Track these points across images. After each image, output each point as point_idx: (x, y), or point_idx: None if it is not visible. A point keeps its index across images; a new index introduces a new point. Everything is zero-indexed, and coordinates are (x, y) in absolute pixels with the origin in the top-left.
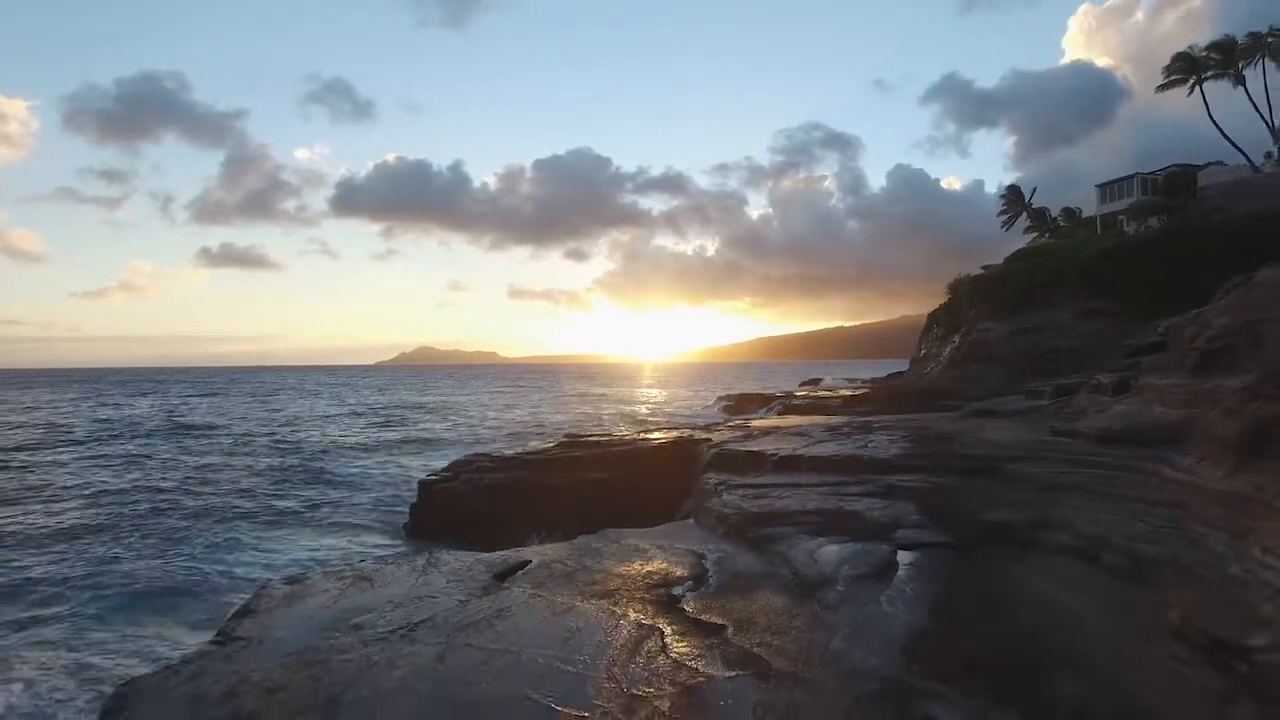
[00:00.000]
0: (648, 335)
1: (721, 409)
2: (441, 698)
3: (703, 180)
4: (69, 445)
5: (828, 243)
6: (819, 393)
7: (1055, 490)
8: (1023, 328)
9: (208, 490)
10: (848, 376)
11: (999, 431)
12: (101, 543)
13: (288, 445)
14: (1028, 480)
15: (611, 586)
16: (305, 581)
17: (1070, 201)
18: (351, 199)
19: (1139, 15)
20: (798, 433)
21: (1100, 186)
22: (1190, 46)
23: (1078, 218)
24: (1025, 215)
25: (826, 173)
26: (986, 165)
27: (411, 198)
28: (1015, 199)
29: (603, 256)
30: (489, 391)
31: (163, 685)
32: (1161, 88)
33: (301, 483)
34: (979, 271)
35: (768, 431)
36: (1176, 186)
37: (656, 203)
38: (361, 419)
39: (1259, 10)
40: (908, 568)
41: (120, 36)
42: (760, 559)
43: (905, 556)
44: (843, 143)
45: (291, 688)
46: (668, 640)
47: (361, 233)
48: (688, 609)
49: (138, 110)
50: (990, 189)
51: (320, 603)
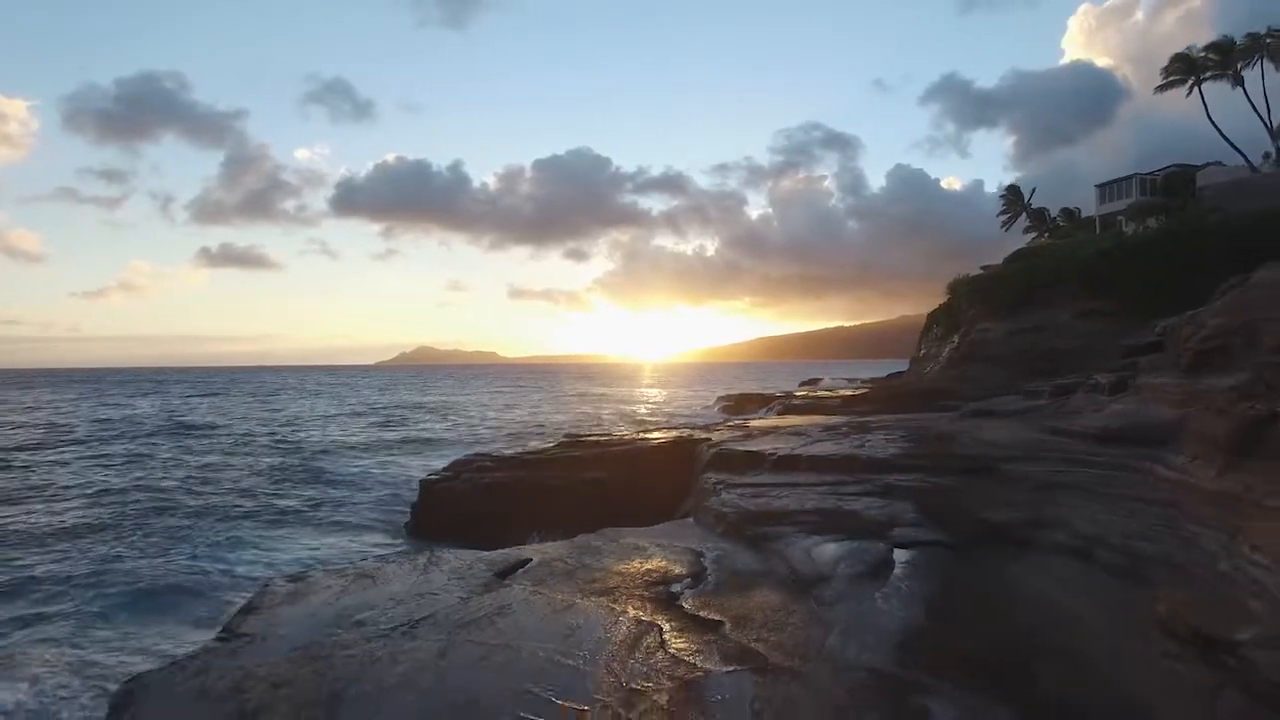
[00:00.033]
0: (648, 335)
1: (721, 409)
2: (444, 692)
3: (702, 180)
4: (70, 445)
5: (827, 243)
6: (818, 393)
7: (1052, 489)
8: (1021, 328)
9: (209, 490)
10: (847, 376)
11: (997, 431)
12: (104, 542)
13: (288, 445)
14: (1025, 479)
15: (611, 584)
16: (308, 579)
17: (1070, 201)
18: (351, 199)
19: (1139, 15)
20: (796, 432)
21: (1099, 187)
22: (1189, 47)
23: (1077, 218)
24: (1025, 215)
25: (826, 173)
26: (986, 165)
27: (411, 198)
28: (1015, 199)
29: (602, 256)
30: (489, 391)
31: (170, 680)
32: (1160, 88)
33: (302, 482)
34: (978, 272)
35: (767, 431)
36: (1175, 187)
37: (656, 203)
38: (362, 419)
39: (1259, 10)
40: (904, 566)
41: (120, 36)
42: (758, 557)
43: (902, 555)
44: (842, 143)
45: (296, 682)
46: (666, 636)
47: (361, 233)
48: (686, 606)
49: (137, 110)
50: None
51: (323, 600)
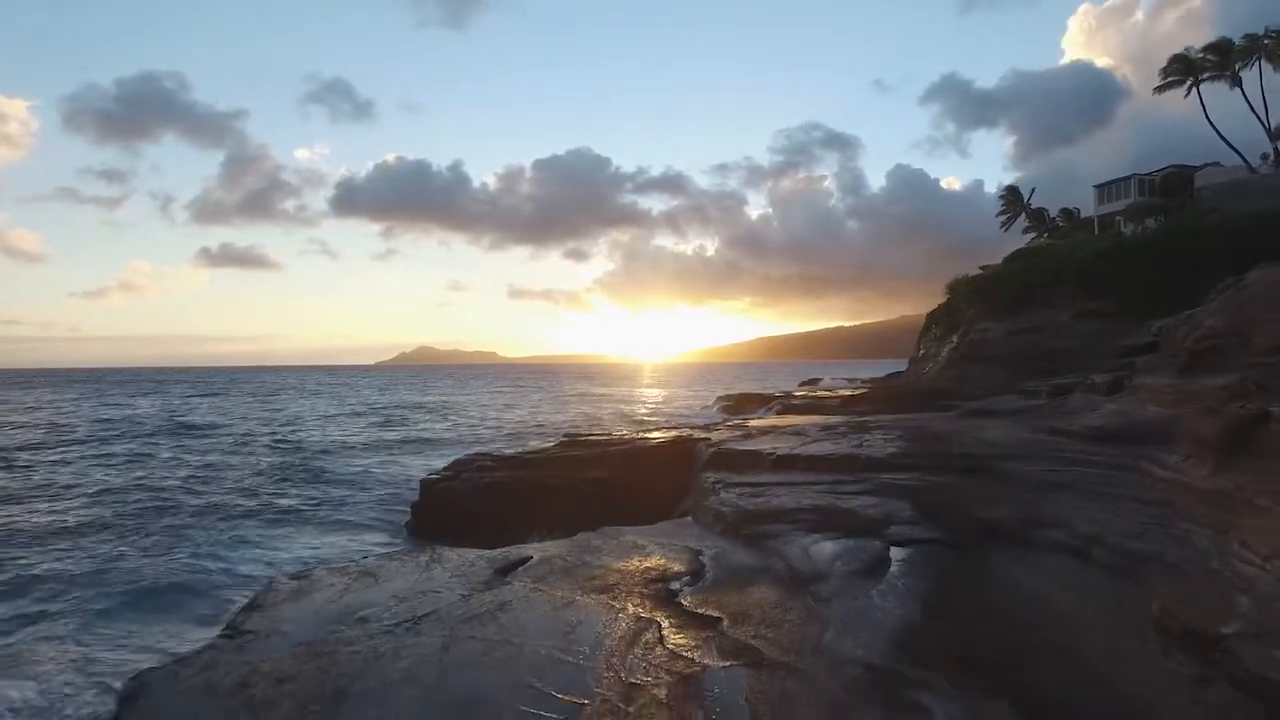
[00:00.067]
0: (648, 335)
1: (721, 409)
2: (446, 687)
3: (702, 180)
4: (72, 444)
5: (827, 243)
6: (818, 393)
7: (1047, 488)
8: (1020, 328)
9: (210, 489)
10: (847, 376)
11: (994, 431)
12: (106, 540)
13: (289, 445)
14: (1021, 479)
15: (611, 582)
16: (310, 577)
17: (1070, 201)
18: (351, 199)
19: (1139, 15)
20: (795, 432)
21: (1098, 187)
22: (1187, 48)
23: (1076, 218)
24: (1024, 216)
25: (826, 173)
26: (986, 165)
27: (411, 198)
28: (1014, 199)
29: (603, 256)
30: (489, 391)
31: (177, 675)
32: (1158, 89)
33: (303, 482)
34: (977, 272)
35: (766, 431)
36: (1174, 187)
37: (656, 203)
38: (362, 419)
39: (1259, 10)
40: (900, 563)
41: (120, 36)
42: (756, 555)
43: (898, 553)
44: (842, 143)
45: (301, 678)
46: (665, 632)
47: (361, 233)
48: (685, 603)
49: (138, 110)
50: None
51: (326, 597)
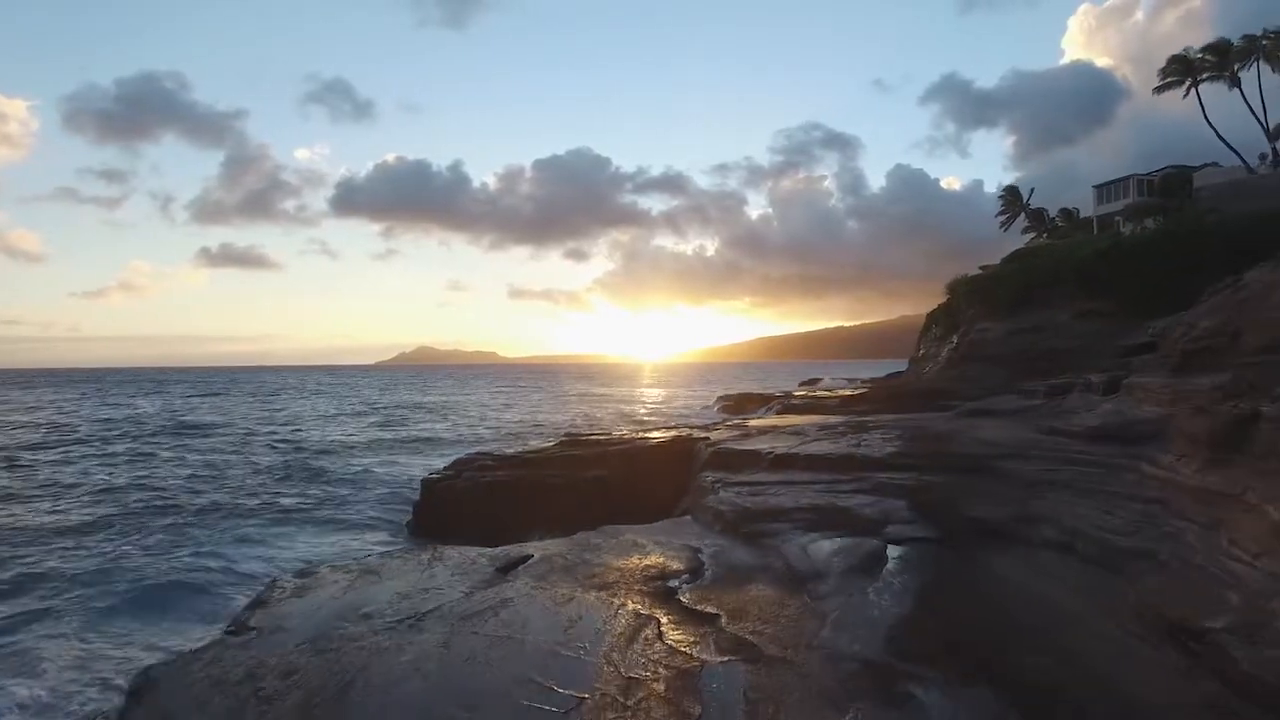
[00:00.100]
0: (648, 335)
1: (720, 409)
2: (449, 680)
3: (702, 180)
4: (74, 444)
5: (828, 243)
6: (817, 393)
7: (1042, 486)
8: (1020, 328)
9: (211, 489)
10: (847, 376)
11: (991, 430)
12: (109, 539)
13: (289, 445)
14: (1016, 477)
15: (610, 579)
16: (314, 575)
17: (1070, 201)
18: (351, 199)
19: (1139, 15)
20: (794, 432)
21: (1097, 187)
22: (1185, 49)
23: (1075, 218)
24: (1023, 216)
25: (826, 173)
26: (986, 165)
27: (411, 198)
28: (1013, 200)
29: (602, 256)
30: (489, 391)
31: (185, 669)
32: (1157, 90)
33: (304, 482)
34: (977, 272)
35: (765, 431)
36: (1172, 188)
37: (656, 203)
38: (362, 419)
39: (1259, 10)
40: (896, 561)
41: (120, 36)
42: (755, 553)
43: (894, 550)
44: (842, 143)
45: (307, 671)
46: (664, 628)
47: (361, 233)
48: (684, 600)
49: (137, 110)
50: (990, 189)
51: (330, 594)
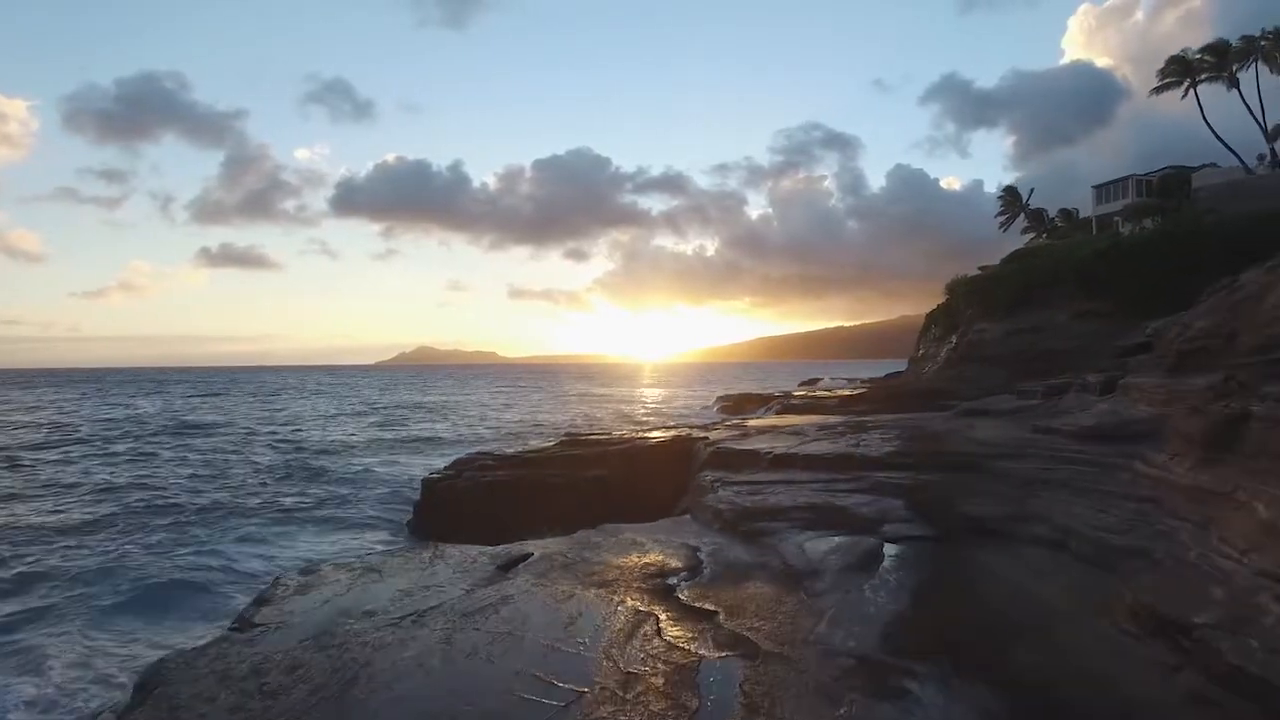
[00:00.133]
0: (648, 335)
1: (720, 409)
2: (451, 675)
3: (702, 180)
4: (75, 444)
5: (827, 243)
6: (817, 393)
7: (1038, 485)
8: (1019, 328)
9: (213, 488)
10: (847, 376)
11: (988, 430)
12: (111, 538)
13: (290, 444)
14: (1012, 477)
15: (610, 577)
16: (317, 573)
17: (1070, 201)
18: (351, 199)
19: (1139, 15)
20: (793, 431)
21: (1096, 188)
22: (1184, 50)
23: (1074, 219)
24: (1023, 216)
25: (826, 173)
26: (986, 165)
27: (411, 198)
28: (1013, 200)
29: (602, 256)
30: (489, 391)
31: (191, 664)
32: (1156, 91)
33: (305, 481)
34: (977, 272)
35: (764, 430)
36: (1171, 188)
37: (656, 203)
38: (362, 419)
39: (1259, 11)
40: (892, 559)
41: (120, 36)
42: (753, 551)
43: (891, 549)
44: (842, 143)
45: (312, 666)
46: (663, 625)
47: (361, 233)
48: (682, 597)
49: (137, 110)
50: (990, 189)
51: (332, 592)
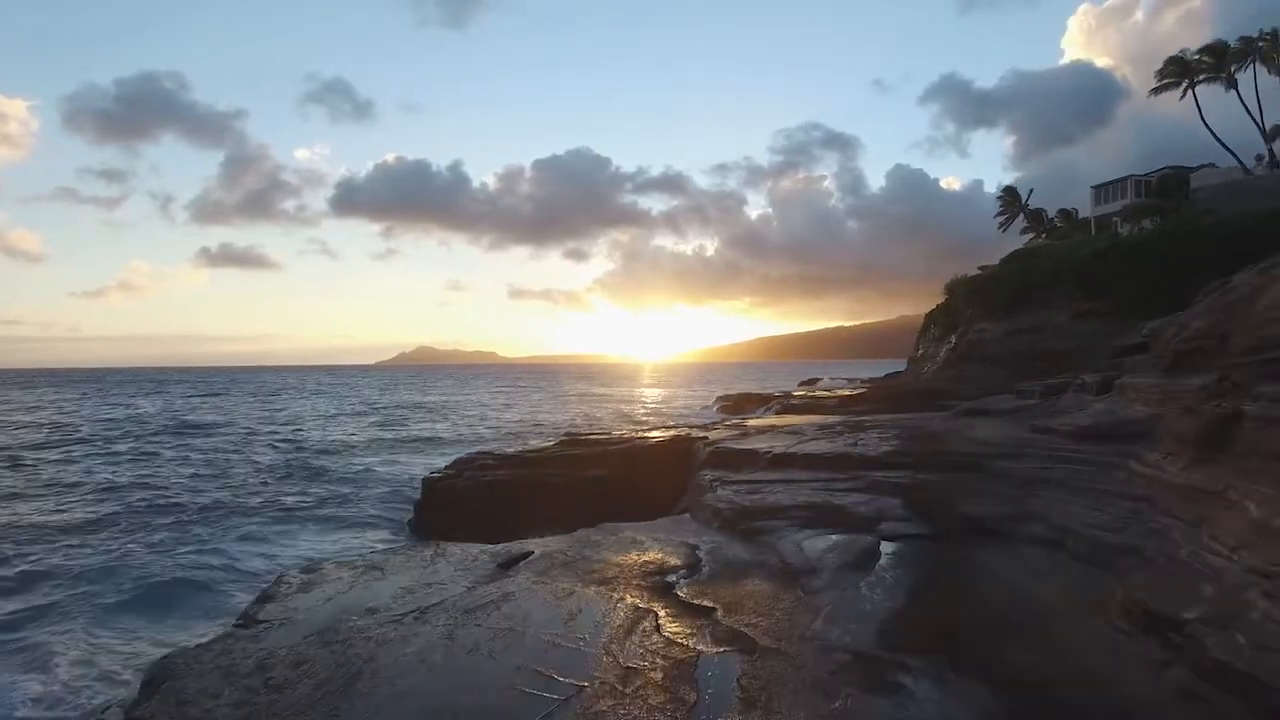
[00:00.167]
0: (647, 335)
1: (720, 409)
2: (453, 669)
3: (702, 180)
4: (76, 444)
5: (827, 243)
6: (816, 393)
7: (1035, 485)
8: (1018, 328)
9: (214, 487)
10: (846, 376)
11: (986, 430)
12: (113, 537)
13: (291, 444)
14: (1009, 476)
15: (610, 574)
16: (320, 571)
17: (1070, 202)
18: (351, 199)
19: (1139, 15)
20: (792, 431)
21: (1095, 188)
22: (1182, 50)
23: (1074, 219)
24: (1022, 216)
25: (826, 173)
26: (986, 165)
27: (411, 198)
28: (1012, 200)
29: (602, 256)
30: (489, 391)
31: (197, 659)
32: (1154, 91)
33: (305, 481)
34: (977, 272)
35: (763, 430)
36: (1169, 188)
37: (656, 203)
38: (363, 419)
39: (1259, 11)
40: (889, 557)
41: (120, 36)
42: (751, 549)
43: (888, 547)
44: (842, 143)
45: (315, 662)
46: (661, 621)
47: (361, 233)
48: (681, 594)
49: (137, 110)
50: (990, 189)
51: (335, 589)
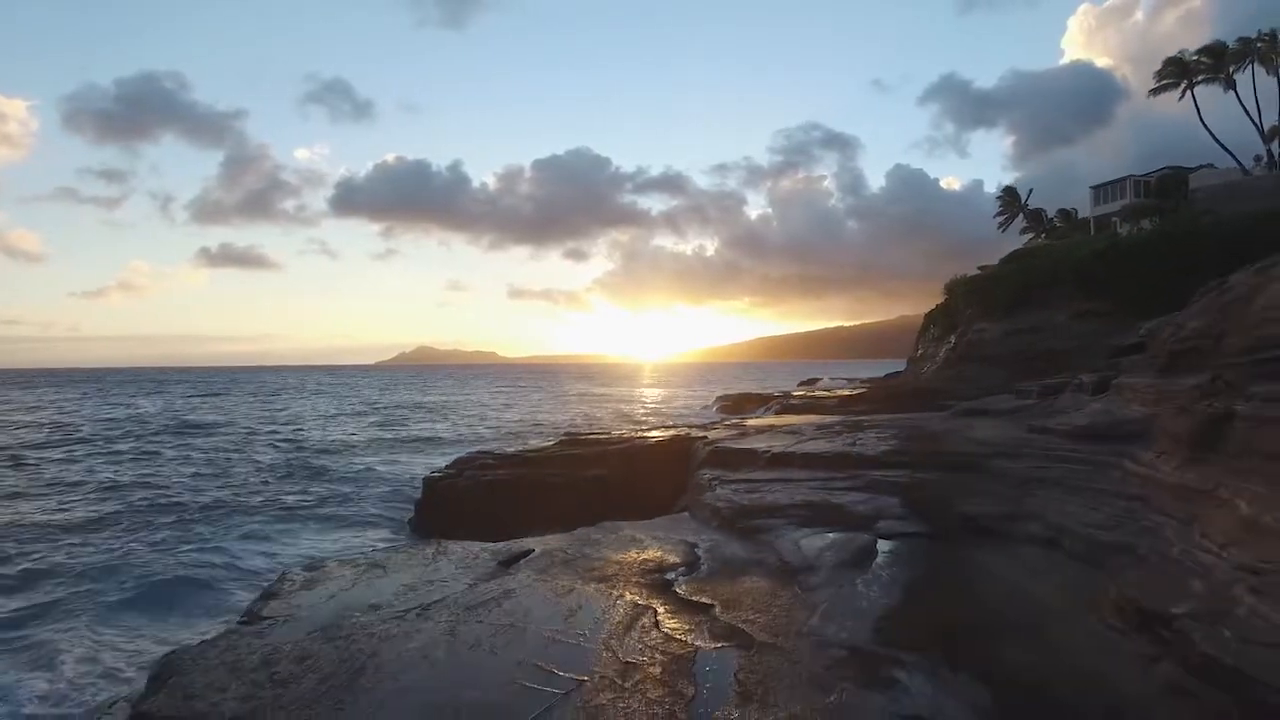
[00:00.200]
0: (647, 335)
1: (719, 409)
2: (455, 665)
3: (702, 180)
4: (77, 443)
5: (827, 243)
6: (816, 393)
7: (1032, 484)
8: (1018, 328)
9: (215, 487)
10: (846, 376)
11: (985, 429)
12: (115, 536)
13: (291, 444)
14: (1006, 475)
15: (609, 572)
16: (322, 568)
17: (1070, 202)
18: (351, 199)
19: (1138, 15)
20: (791, 431)
21: (1094, 188)
22: (1181, 51)
23: (1073, 219)
24: (1021, 216)
25: (825, 173)
26: (985, 165)
27: (411, 198)
28: (1011, 200)
29: (602, 256)
30: (489, 391)
31: (203, 655)
32: (1153, 92)
33: (306, 480)
34: (976, 272)
35: (762, 430)
36: (1168, 189)
37: (656, 203)
38: (363, 418)
39: (1259, 11)
40: (886, 555)
41: (120, 36)
42: (749, 548)
43: (885, 545)
44: (842, 143)
45: (319, 657)
46: (660, 617)
47: (361, 233)
48: (680, 591)
49: (137, 110)
50: (989, 189)
51: (338, 587)
